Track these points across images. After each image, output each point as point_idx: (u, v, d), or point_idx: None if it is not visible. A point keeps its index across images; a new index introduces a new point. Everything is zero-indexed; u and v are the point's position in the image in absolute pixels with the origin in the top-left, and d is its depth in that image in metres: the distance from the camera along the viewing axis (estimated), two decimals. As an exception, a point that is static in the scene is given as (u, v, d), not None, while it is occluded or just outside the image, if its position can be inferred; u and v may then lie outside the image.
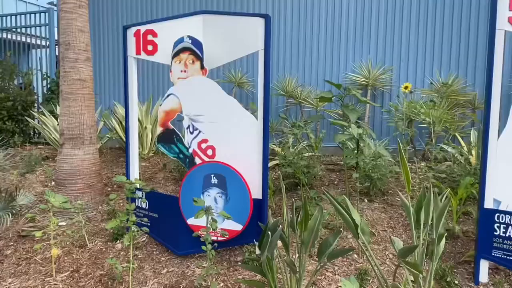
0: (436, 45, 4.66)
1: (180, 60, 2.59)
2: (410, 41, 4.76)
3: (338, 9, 5.03)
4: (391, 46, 4.85)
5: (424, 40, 4.70)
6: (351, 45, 5.01)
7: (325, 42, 5.11)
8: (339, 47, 5.06)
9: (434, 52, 4.67)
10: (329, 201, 1.94)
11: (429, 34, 4.68)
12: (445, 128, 3.90)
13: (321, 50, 5.14)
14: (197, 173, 2.49)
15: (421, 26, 4.71)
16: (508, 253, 2.13)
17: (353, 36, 4.99)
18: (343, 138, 2.75)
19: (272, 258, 1.94)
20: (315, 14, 5.13)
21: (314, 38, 5.15)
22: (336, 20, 5.05)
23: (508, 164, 2.10)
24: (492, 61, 2.09)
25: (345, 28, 5.01)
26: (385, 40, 4.87)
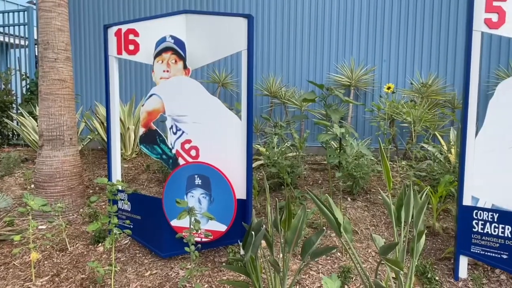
0: (416, 46, 4.75)
1: (162, 60, 2.57)
2: (391, 42, 4.84)
3: (321, 9, 5.07)
4: (373, 47, 4.92)
5: (405, 41, 4.79)
6: (334, 45, 5.06)
7: (309, 43, 5.15)
8: (322, 48, 5.11)
9: (415, 53, 4.77)
10: (313, 201, 1.95)
11: (410, 35, 4.77)
12: (425, 127, 3.99)
13: (305, 51, 5.17)
14: (181, 174, 2.47)
15: (402, 27, 4.79)
16: (486, 249, 2.19)
17: (336, 36, 5.04)
18: (326, 137, 2.78)
19: (256, 258, 1.94)
20: (299, 15, 5.16)
21: (297, 38, 5.19)
22: (319, 20, 5.09)
23: (485, 162, 2.15)
24: (469, 61, 2.14)
25: (328, 28, 5.06)
26: (367, 41, 4.94)
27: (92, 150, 5.26)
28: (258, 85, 5.26)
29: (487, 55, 4.51)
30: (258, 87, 5.24)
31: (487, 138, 2.15)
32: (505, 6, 2.08)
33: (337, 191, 3.32)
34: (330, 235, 2.76)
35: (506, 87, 2.12)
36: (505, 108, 2.10)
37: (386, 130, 3.82)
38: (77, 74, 6.17)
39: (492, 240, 2.16)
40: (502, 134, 2.12)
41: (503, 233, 2.13)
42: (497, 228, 2.14)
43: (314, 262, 2.44)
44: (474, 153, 2.16)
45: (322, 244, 2.66)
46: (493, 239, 2.15)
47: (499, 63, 4.46)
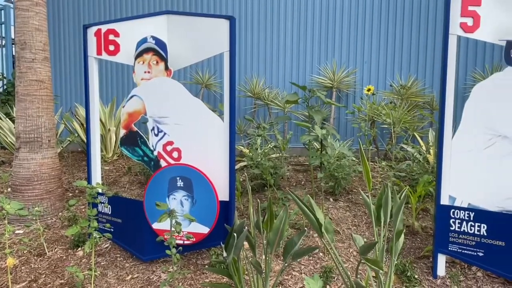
0: (396, 48, 4.85)
1: (143, 61, 2.54)
2: (372, 44, 4.93)
3: (304, 11, 5.11)
4: (355, 49, 4.99)
5: (385, 43, 4.88)
6: (316, 47, 5.11)
7: (292, 45, 5.18)
8: (305, 50, 5.15)
9: (395, 55, 4.86)
10: (294, 201, 1.96)
11: (390, 38, 4.86)
12: (405, 128, 4.07)
13: (288, 52, 5.21)
14: (162, 176, 2.45)
15: (383, 30, 4.88)
16: (463, 247, 2.25)
17: (318, 38, 5.09)
18: (308, 138, 2.80)
19: (238, 259, 1.94)
20: (282, 17, 5.19)
21: (280, 40, 5.21)
22: (301, 22, 5.14)
23: (462, 162, 2.21)
24: (446, 64, 2.20)
25: (310, 31, 5.11)
26: (349, 44, 5.01)
27: (72, 153, 5.14)
28: (242, 86, 5.26)
29: (464, 58, 4.64)
30: (242, 88, 5.24)
31: (464, 139, 2.21)
32: (480, 11, 2.15)
33: (319, 191, 3.35)
34: (312, 236, 2.78)
35: (481, 89, 2.18)
36: (480, 109, 2.17)
37: (367, 131, 3.88)
38: (57, 74, 6.04)
39: (469, 238, 2.22)
40: (477, 135, 2.18)
41: (479, 232, 2.19)
42: (473, 227, 2.20)
43: (297, 262, 2.46)
44: (451, 154, 2.22)
45: (304, 244, 2.68)
46: (470, 237, 2.22)
47: (475, 66, 4.59)
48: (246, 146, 4.65)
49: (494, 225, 2.15)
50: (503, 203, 2.17)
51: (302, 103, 3.77)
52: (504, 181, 2.15)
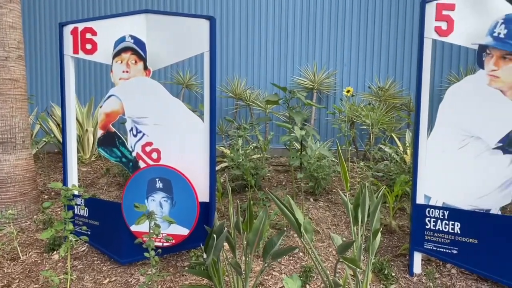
0: (375, 51, 4.94)
1: (121, 60, 2.50)
2: (352, 46, 5.00)
3: (285, 13, 5.15)
4: (335, 51, 5.06)
5: (364, 46, 4.97)
6: (297, 49, 5.15)
7: (273, 46, 5.21)
8: (286, 51, 5.18)
9: (373, 57, 4.95)
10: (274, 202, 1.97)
11: (369, 40, 4.95)
12: (383, 129, 4.15)
13: (269, 54, 5.23)
14: (141, 177, 2.41)
15: (362, 33, 4.96)
16: (438, 245, 2.31)
17: (299, 40, 5.13)
18: (288, 139, 2.82)
19: (218, 261, 1.93)
20: (263, 18, 5.20)
21: (262, 41, 5.23)
22: (283, 24, 5.16)
23: (436, 162, 2.27)
24: (421, 67, 2.26)
25: (291, 32, 5.15)
26: (329, 46, 5.07)
27: (48, 154, 5.00)
28: (223, 87, 5.25)
29: (440, 61, 4.77)
30: (223, 89, 5.23)
31: (438, 140, 2.27)
32: (454, 15, 2.21)
33: (299, 192, 3.38)
34: (293, 236, 2.79)
35: (454, 91, 2.25)
36: (454, 111, 2.23)
37: (347, 132, 3.93)
38: (32, 73, 5.86)
39: (443, 237, 2.28)
40: (451, 135, 2.25)
41: (453, 230, 2.26)
42: (448, 225, 2.27)
43: (277, 262, 2.47)
44: (426, 154, 2.28)
45: (285, 244, 2.69)
46: (444, 236, 2.28)
47: (451, 69, 4.73)
48: (228, 146, 4.64)
49: (468, 224, 2.22)
50: (476, 202, 2.24)
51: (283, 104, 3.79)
52: (476, 180, 2.22)
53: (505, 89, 2.14)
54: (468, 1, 2.19)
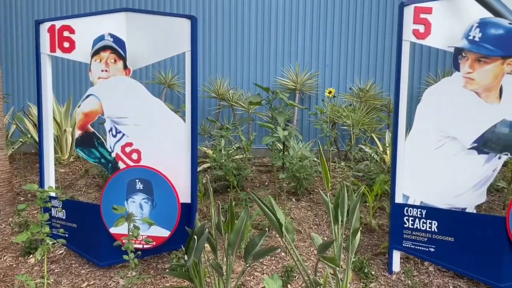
0: (356, 53, 5.01)
1: (100, 59, 2.45)
2: (333, 48, 5.06)
3: (268, 14, 5.16)
4: (317, 53, 5.10)
5: (346, 47, 5.03)
6: (280, 50, 5.17)
7: (256, 46, 5.21)
8: (269, 52, 5.20)
9: (355, 59, 5.02)
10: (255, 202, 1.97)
11: (350, 42, 5.02)
12: (364, 130, 4.21)
13: (252, 54, 5.23)
14: (121, 178, 2.37)
15: (343, 35, 5.03)
16: (416, 243, 2.36)
17: (282, 41, 5.16)
18: (270, 140, 2.83)
19: (199, 262, 1.92)
20: (246, 18, 5.20)
21: (245, 41, 5.22)
22: (265, 25, 5.18)
23: (414, 162, 2.32)
24: (399, 69, 2.30)
25: (274, 33, 5.16)
26: (311, 47, 5.11)
27: (24, 154, 4.86)
28: (206, 87, 5.22)
29: (419, 63, 4.88)
30: (206, 89, 5.20)
31: (416, 140, 2.32)
32: (431, 19, 2.26)
33: (282, 192, 3.39)
34: (275, 236, 2.80)
35: (431, 93, 2.31)
36: (431, 112, 2.29)
37: (328, 132, 3.97)
38: (8, 72, 5.68)
39: (421, 235, 2.33)
40: (428, 136, 2.30)
41: (430, 228, 2.31)
42: (425, 224, 2.32)
43: (259, 263, 2.47)
44: (404, 154, 2.32)
45: (267, 244, 2.70)
46: (422, 234, 2.33)
47: (429, 71, 4.84)
48: (210, 147, 4.61)
49: (444, 222, 2.28)
50: (452, 200, 2.30)
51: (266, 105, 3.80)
52: (453, 180, 2.28)
53: (480, 91, 2.20)
54: (444, 5, 2.24)
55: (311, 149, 4.35)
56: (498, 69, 2.16)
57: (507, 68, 2.16)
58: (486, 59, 2.16)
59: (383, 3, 4.93)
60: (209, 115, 5.19)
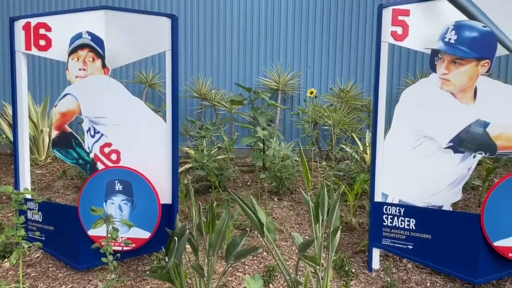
0: (337, 54, 5.07)
1: (78, 57, 2.40)
2: (315, 49, 5.10)
3: (250, 14, 5.16)
4: (299, 53, 5.14)
5: (327, 49, 5.09)
6: (262, 50, 5.18)
7: (238, 46, 5.21)
8: (251, 52, 5.20)
9: (336, 60, 5.08)
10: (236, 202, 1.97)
11: (332, 43, 5.07)
12: (344, 130, 4.27)
13: (234, 54, 5.22)
14: (99, 179, 2.32)
15: (325, 36, 5.08)
16: (395, 240, 2.40)
17: (264, 41, 5.17)
18: (249, 140, 2.83)
19: (180, 263, 1.90)
20: (228, 18, 5.19)
21: (227, 41, 5.21)
22: (247, 25, 5.18)
23: (393, 161, 2.37)
24: (378, 70, 2.34)
25: (256, 33, 5.17)
26: (293, 48, 5.14)
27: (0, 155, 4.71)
28: (188, 87, 5.18)
29: (398, 64, 4.98)
30: (188, 89, 5.16)
31: (394, 140, 2.36)
32: (409, 21, 2.31)
33: (263, 192, 3.40)
34: (257, 236, 2.81)
35: (409, 93, 2.35)
36: (409, 112, 2.33)
37: (310, 132, 4.00)
38: (-19, 70, 5.49)
39: (400, 233, 2.38)
40: (406, 135, 2.35)
41: (408, 226, 2.36)
42: (404, 222, 2.36)
43: (241, 263, 2.47)
44: (383, 154, 2.36)
45: (249, 244, 2.70)
46: (400, 232, 2.38)
47: (407, 72, 4.95)
48: (192, 147, 4.58)
49: (422, 220, 2.33)
50: (429, 199, 2.35)
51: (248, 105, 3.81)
52: (430, 178, 2.33)
53: (456, 92, 2.26)
54: (422, 7, 2.29)
55: (293, 149, 4.38)
56: (472, 71, 2.23)
57: (481, 70, 2.22)
58: (461, 60, 2.22)
59: (363, 5, 5.01)
60: (191, 115, 5.15)
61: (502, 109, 2.24)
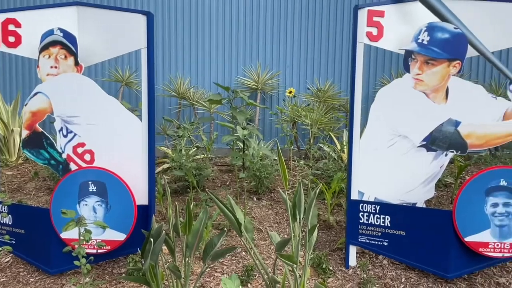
0: (315, 54, 5.12)
1: (49, 55, 2.32)
2: (294, 49, 5.13)
3: (229, 12, 5.14)
4: (278, 53, 5.15)
5: (305, 49, 5.12)
6: (241, 49, 5.17)
7: (217, 45, 5.17)
8: (230, 51, 5.18)
9: (314, 60, 5.13)
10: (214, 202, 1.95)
11: (310, 44, 5.11)
12: (322, 129, 4.31)
13: (213, 53, 5.18)
14: (72, 180, 2.26)
15: (303, 36, 5.11)
16: (371, 237, 2.44)
17: (243, 40, 5.16)
18: (229, 139, 2.82)
19: (156, 265, 1.87)
20: (206, 16, 5.15)
21: (206, 40, 5.17)
22: (226, 24, 5.15)
23: (369, 160, 2.41)
24: (354, 70, 2.37)
25: (235, 32, 5.15)
26: (272, 47, 5.15)
27: (-34, 157, 4.51)
28: (166, 86, 5.11)
29: (375, 65, 5.07)
30: (166, 88, 5.08)
31: (370, 139, 2.40)
32: (383, 22, 2.35)
33: (243, 191, 3.39)
34: (236, 235, 2.80)
35: (384, 93, 2.40)
36: (383, 112, 2.38)
37: (289, 132, 4.02)
38: None
39: (375, 230, 2.42)
40: (381, 134, 2.39)
41: (383, 223, 2.40)
42: (379, 219, 2.41)
43: (219, 263, 2.45)
44: (359, 152, 2.40)
45: (228, 244, 2.68)
46: (376, 229, 2.42)
47: (383, 73, 5.05)
48: (170, 147, 4.52)
49: (396, 217, 2.38)
50: (404, 196, 2.41)
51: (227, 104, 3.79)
52: (404, 176, 2.39)
53: (428, 91, 2.32)
54: (396, 9, 2.34)
55: (272, 148, 4.39)
56: (444, 71, 2.29)
57: (453, 70, 2.29)
58: (433, 61, 2.28)
59: (341, 6, 5.07)
60: (170, 115, 5.08)
61: (472, 109, 2.32)
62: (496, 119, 2.31)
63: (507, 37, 2.30)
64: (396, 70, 4.92)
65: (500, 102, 2.33)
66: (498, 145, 2.49)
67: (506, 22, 2.26)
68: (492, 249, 2.26)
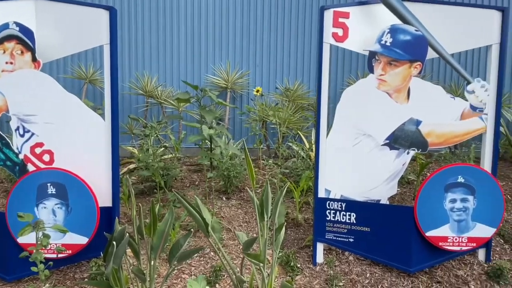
0: (285, 54, 5.16)
1: (4, 50, 2.19)
2: (263, 49, 5.15)
3: (197, 10, 5.08)
4: (247, 52, 5.15)
5: (275, 48, 5.15)
6: (211, 48, 5.12)
7: (186, 43, 5.10)
8: (199, 49, 5.11)
9: (283, 60, 5.16)
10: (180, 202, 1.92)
11: (279, 43, 5.15)
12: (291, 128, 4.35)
13: (182, 50, 5.10)
14: (29, 182, 2.15)
15: (272, 36, 5.14)
16: (338, 234, 2.49)
17: (213, 38, 5.11)
18: (196, 138, 2.79)
19: (120, 269, 1.81)
20: (175, 13, 5.06)
21: (174, 37, 5.08)
22: (195, 21, 5.09)
23: (335, 158, 2.45)
24: (321, 70, 2.40)
25: (204, 30, 5.10)
26: (242, 47, 5.14)
27: None
28: (132, 83, 4.98)
29: (342, 65, 5.18)
30: (132, 86, 4.95)
31: (336, 138, 2.45)
32: (348, 23, 2.40)
33: (211, 191, 3.36)
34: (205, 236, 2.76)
35: (349, 93, 2.45)
36: (348, 111, 2.43)
37: (258, 131, 4.03)
38: None
39: (342, 227, 2.47)
40: (347, 133, 2.44)
41: (349, 220, 2.46)
42: (345, 216, 2.46)
43: (187, 264, 2.41)
44: (326, 151, 2.44)
45: (197, 245, 2.65)
46: (342, 226, 2.47)
47: (350, 73, 5.16)
48: (137, 147, 4.40)
49: (361, 213, 2.44)
50: (368, 193, 2.47)
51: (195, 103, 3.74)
52: (368, 174, 2.45)
53: (391, 92, 2.39)
54: (360, 10, 2.39)
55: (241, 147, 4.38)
56: (406, 72, 2.37)
57: (414, 71, 2.37)
58: (396, 62, 2.35)
59: (309, 7, 5.14)
60: (137, 113, 4.95)
61: (432, 109, 2.41)
62: (454, 119, 2.42)
63: (465, 40, 2.42)
64: (363, 71, 5.05)
65: (458, 102, 2.45)
66: (457, 143, 2.61)
67: (464, 25, 2.37)
68: (451, 243, 2.36)
